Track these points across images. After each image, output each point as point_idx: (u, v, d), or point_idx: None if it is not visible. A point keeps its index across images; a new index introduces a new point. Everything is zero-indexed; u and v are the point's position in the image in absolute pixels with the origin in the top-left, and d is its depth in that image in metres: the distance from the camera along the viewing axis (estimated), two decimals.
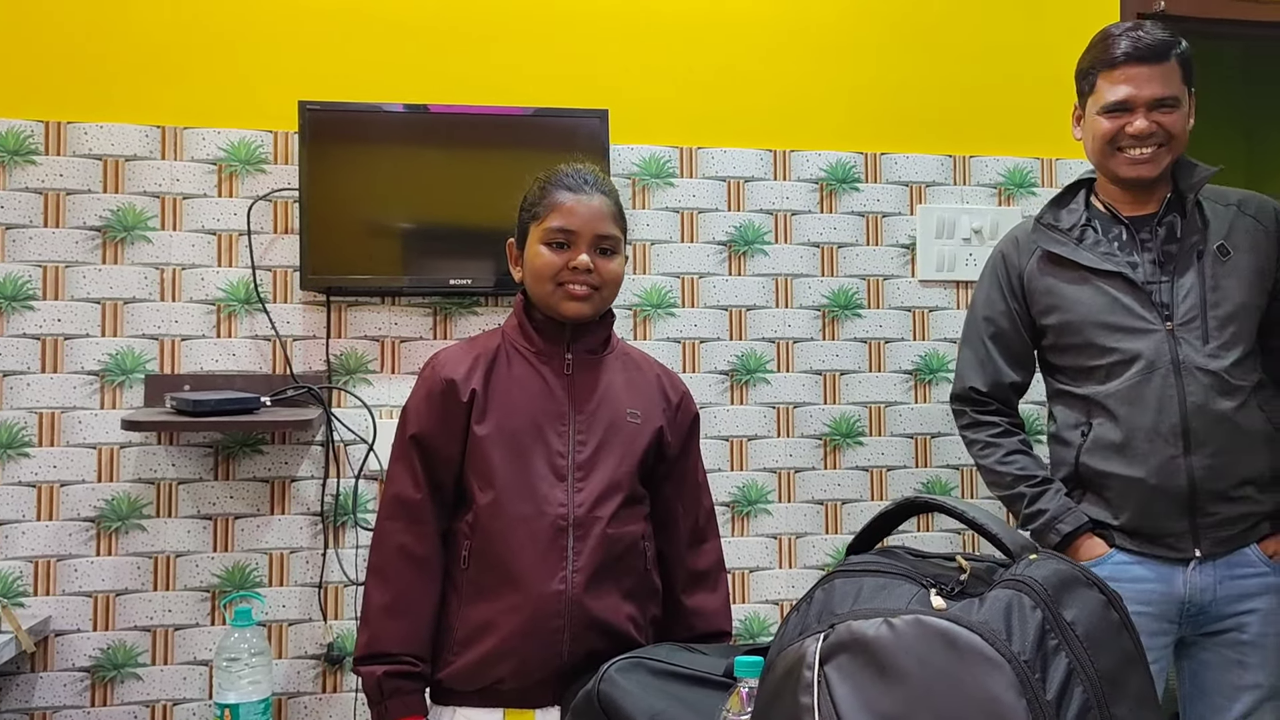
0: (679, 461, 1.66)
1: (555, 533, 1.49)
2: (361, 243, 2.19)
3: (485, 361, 1.57)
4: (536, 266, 1.55)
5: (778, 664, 1.05)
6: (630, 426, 1.57)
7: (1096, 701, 0.93)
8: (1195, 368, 1.76)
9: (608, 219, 1.57)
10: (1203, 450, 1.75)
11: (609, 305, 1.61)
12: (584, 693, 1.40)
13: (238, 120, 2.24)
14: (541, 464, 1.51)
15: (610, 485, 1.53)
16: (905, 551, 1.16)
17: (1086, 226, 1.87)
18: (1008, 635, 0.94)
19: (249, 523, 2.20)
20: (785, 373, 2.44)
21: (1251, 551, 1.78)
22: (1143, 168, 1.80)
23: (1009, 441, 1.91)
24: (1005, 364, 1.94)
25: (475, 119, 2.25)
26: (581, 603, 1.48)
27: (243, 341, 2.22)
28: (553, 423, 1.53)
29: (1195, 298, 1.78)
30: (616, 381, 1.60)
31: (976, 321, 1.97)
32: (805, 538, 2.43)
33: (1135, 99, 1.78)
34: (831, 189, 2.48)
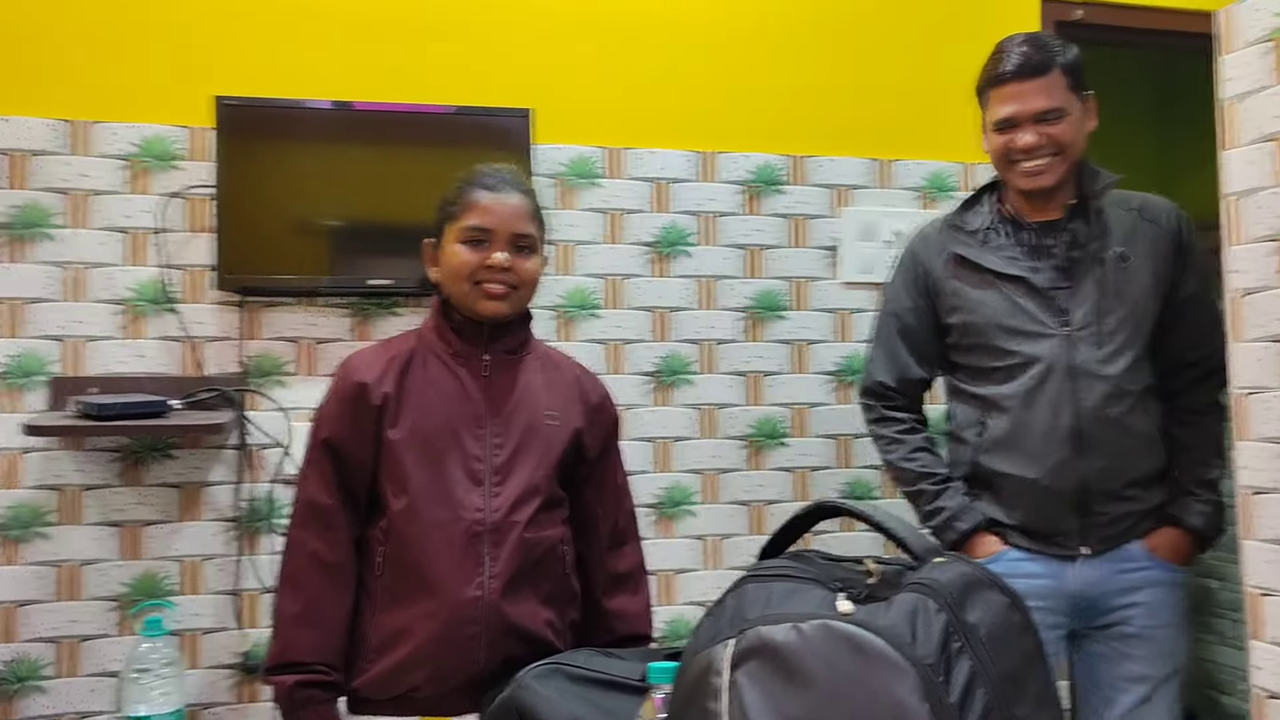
0: (598, 464, 1.65)
1: (471, 538, 1.47)
2: (279, 242, 2.14)
3: (399, 364, 1.54)
4: (453, 265, 1.53)
5: (689, 670, 1.06)
6: (548, 429, 1.56)
7: (998, 703, 0.94)
8: (1089, 373, 1.80)
9: (525, 218, 1.55)
10: (1093, 453, 1.80)
11: (526, 305, 1.60)
12: (500, 700, 1.38)
13: (152, 115, 2.17)
14: (457, 468, 1.49)
15: (527, 489, 1.51)
16: (817, 555, 1.17)
17: (992, 230, 1.90)
18: (912, 639, 0.95)
19: (160, 530, 2.13)
20: (709, 374, 2.45)
21: (1135, 547, 1.84)
22: (1038, 179, 1.83)
23: (914, 439, 1.95)
24: (912, 360, 1.97)
25: (397, 117, 2.21)
26: (499, 608, 1.46)
27: (153, 343, 2.15)
28: (469, 426, 1.51)
29: (1092, 304, 1.82)
30: (535, 383, 1.59)
31: (886, 317, 2.00)
32: (730, 539, 2.43)
33: (1020, 114, 1.81)
34: (757, 191, 2.50)
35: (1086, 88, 1.86)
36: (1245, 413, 1.60)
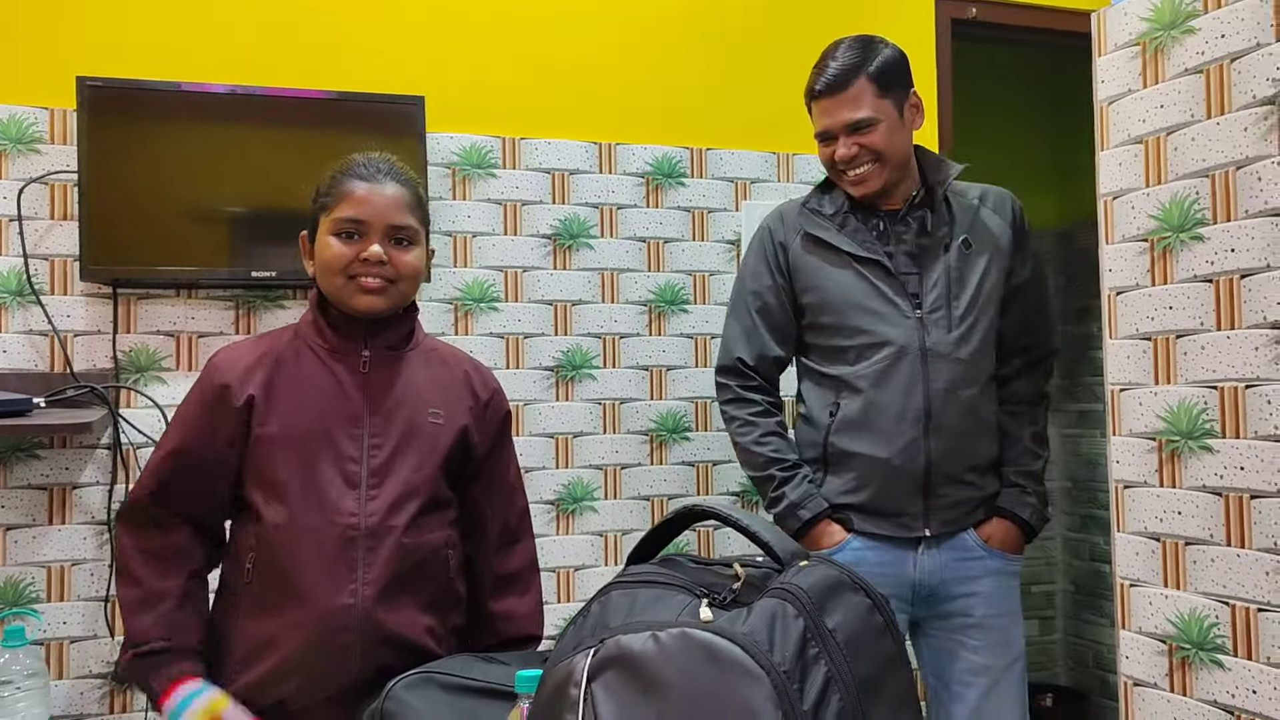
0: (488, 461, 1.59)
1: (344, 544, 1.41)
2: (152, 230, 2.04)
3: (269, 361, 1.47)
4: (326, 259, 1.46)
5: (549, 680, 1.03)
6: (431, 427, 1.50)
7: (853, 708, 0.93)
8: (940, 355, 1.84)
9: (402, 209, 1.48)
10: (940, 434, 1.84)
11: (409, 299, 1.53)
12: (368, 712, 1.33)
13: (7, 95, 2.05)
14: (330, 470, 1.42)
15: (406, 491, 1.45)
16: (688, 560, 1.15)
17: (849, 214, 1.93)
18: (770, 645, 0.93)
19: (24, 534, 2.03)
20: (611, 368, 2.42)
21: (969, 536, 1.89)
22: (863, 185, 1.88)
23: (766, 422, 1.95)
24: (770, 338, 1.97)
25: (280, 101, 2.12)
26: (373, 616, 1.40)
27: (15, 337, 2.04)
28: (344, 425, 1.45)
29: (941, 288, 1.87)
30: (418, 379, 1.52)
31: (744, 294, 1.99)
32: (631, 534, 2.41)
33: (831, 127, 1.87)
34: (658, 184, 2.47)
35: (905, 86, 1.90)
36: (1118, 408, 1.62)
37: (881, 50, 1.87)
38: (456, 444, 1.52)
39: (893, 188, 1.90)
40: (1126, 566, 1.60)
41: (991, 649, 1.86)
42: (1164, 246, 1.54)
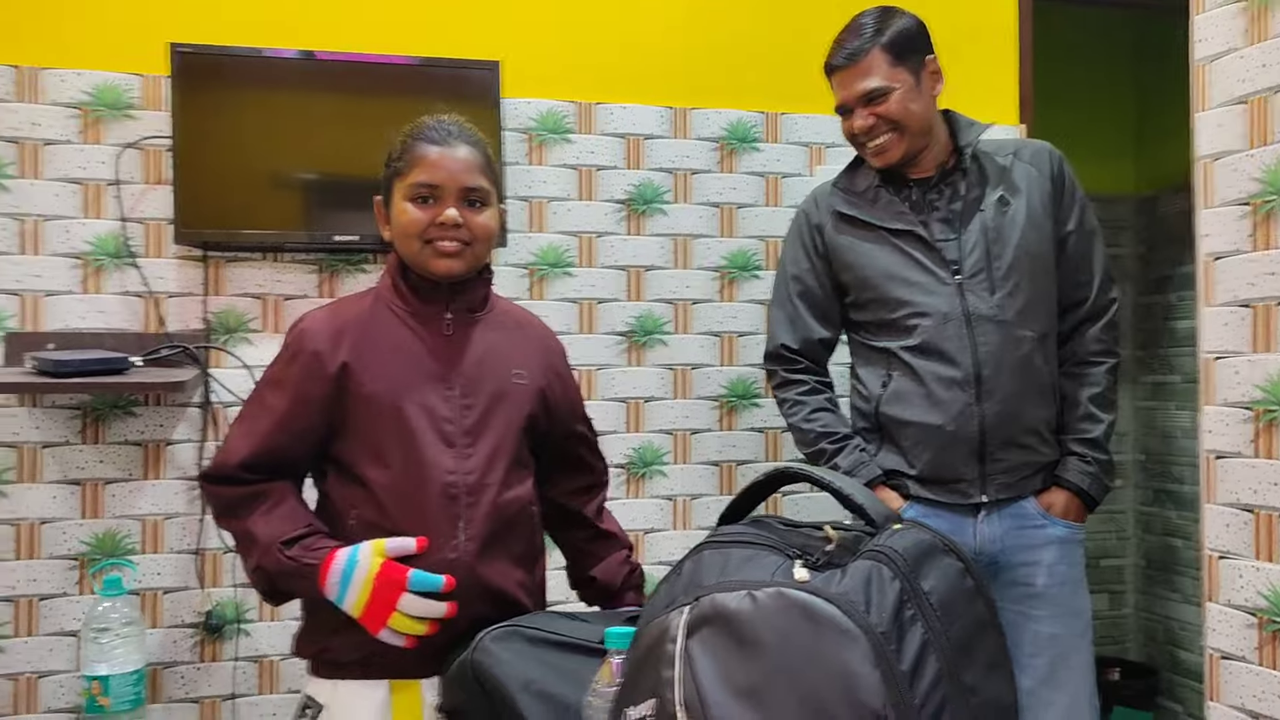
0: (573, 421, 1.66)
1: (446, 501, 1.44)
2: (241, 195, 2.09)
3: (356, 327, 1.49)
4: (402, 224, 1.48)
5: (644, 636, 1.04)
6: (515, 388, 1.54)
7: (949, 670, 0.93)
8: (985, 318, 1.84)
9: (475, 170, 1.49)
10: (992, 398, 1.83)
11: (484, 261, 1.55)
12: (459, 662, 1.37)
13: (103, 62, 2.11)
14: (427, 430, 1.46)
15: (498, 449, 1.49)
16: (777, 521, 1.16)
17: (880, 188, 1.93)
18: (866, 607, 0.94)
19: (120, 488, 2.10)
20: (683, 334, 2.43)
21: (1029, 504, 1.88)
22: (884, 155, 1.88)
23: (815, 399, 1.97)
24: (814, 320, 1.98)
25: (362, 67, 2.15)
26: (474, 570, 1.44)
27: (113, 298, 2.11)
28: (436, 387, 1.48)
29: (980, 251, 1.86)
30: (499, 341, 1.56)
31: (785, 280, 2.01)
32: (700, 499, 2.43)
33: (848, 100, 1.90)
34: (731, 148, 2.46)
35: (922, 52, 1.90)
36: (1212, 377, 1.59)
37: (895, 19, 1.88)
38: (538, 403, 1.57)
39: (918, 156, 1.90)
40: (1215, 538, 1.57)
41: (1057, 619, 1.84)
42: (1267, 210, 1.50)
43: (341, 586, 1.38)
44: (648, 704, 0.99)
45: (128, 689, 1.89)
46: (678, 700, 0.96)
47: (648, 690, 1.00)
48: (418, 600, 1.38)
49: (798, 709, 0.90)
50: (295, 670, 2.18)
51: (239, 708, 2.15)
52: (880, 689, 0.89)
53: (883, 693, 0.89)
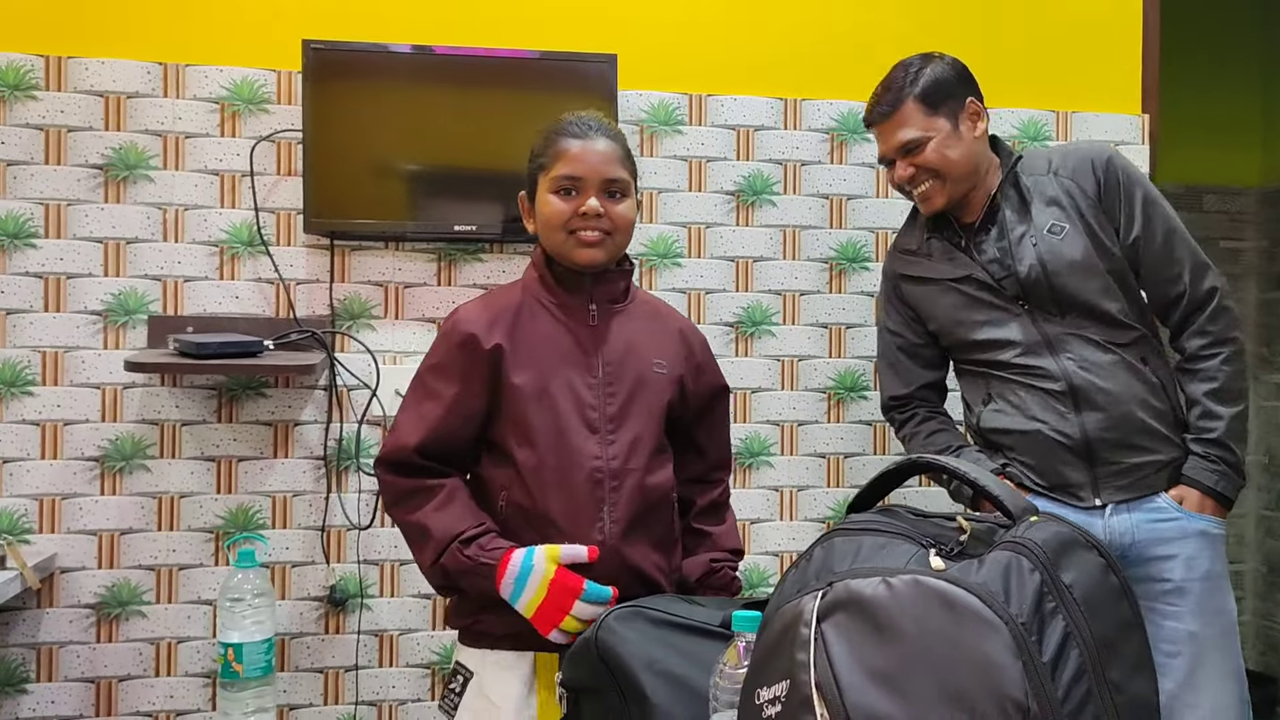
0: (706, 410, 1.71)
1: (592, 485, 1.50)
2: (365, 186, 2.17)
3: (507, 317, 1.56)
4: (547, 216, 1.56)
5: (775, 620, 1.06)
6: (656, 377, 1.59)
7: (1091, 665, 0.93)
8: (1061, 336, 1.86)
9: (614, 162, 1.57)
10: (1090, 405, 1.84)
11: (624, 251, 1.62)
12: (582, 640, 1.41)
13: (241, 58, 2.20)
14: (574, 418, 1.52)
15: (640, 436, 1.55)
16: (906, 511, 1.16)
17: (931, 239, 1.98)
18: (1005, 597, 0.94)
19: (252, 465, 2.21)
20: (791, 325, 2.43)
21: (1161, 498, 1.85)
22: (930, 204, 1.93)
23: (929, 425, 2.04)
24: (918, 369, 2.06)
25: (481, 61, 2.21)
26: (619, 551, 1.50)
27: (246, 284, 2.21)
28: (582, 375, 1.54)
29: (1040, 281, 1.86)
30: (641, 331, 1.61)
31: (884, 336, 2.10)
32: (806, 491, 2.43)
33: (887, 152, 1.94)
34: (842, 139, 2.45)
35: (959, 97, 1.90)
36: None
37: (930, 67, 1.90)
38: (676, 393, 1.62)
39: (964, 199, 1.92)
40: None
41: (1196, 615, 1.79)
42: None
43: (516, 587, 1.45)
44: (780, 685, 1.01)
45: (259, 656, 1.98)
46: (812, 682, 0.97)
47: (780, 672, 1.01)
48: (589, 606, 1.45)
49: (937, 697, 0.91)
50: (413, 645, 2.26)
51: (360, 679, 2.24)
52: (1022, 680, 0.89)
53: (1025, 684, 0.89)
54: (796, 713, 0.96)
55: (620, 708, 1.33)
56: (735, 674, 1.14)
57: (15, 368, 2.13)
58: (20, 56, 2.13)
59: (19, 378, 2.13)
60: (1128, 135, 2.53)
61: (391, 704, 2.25)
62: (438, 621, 2.27)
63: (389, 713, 2.25)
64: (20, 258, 2.13)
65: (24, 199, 2.13)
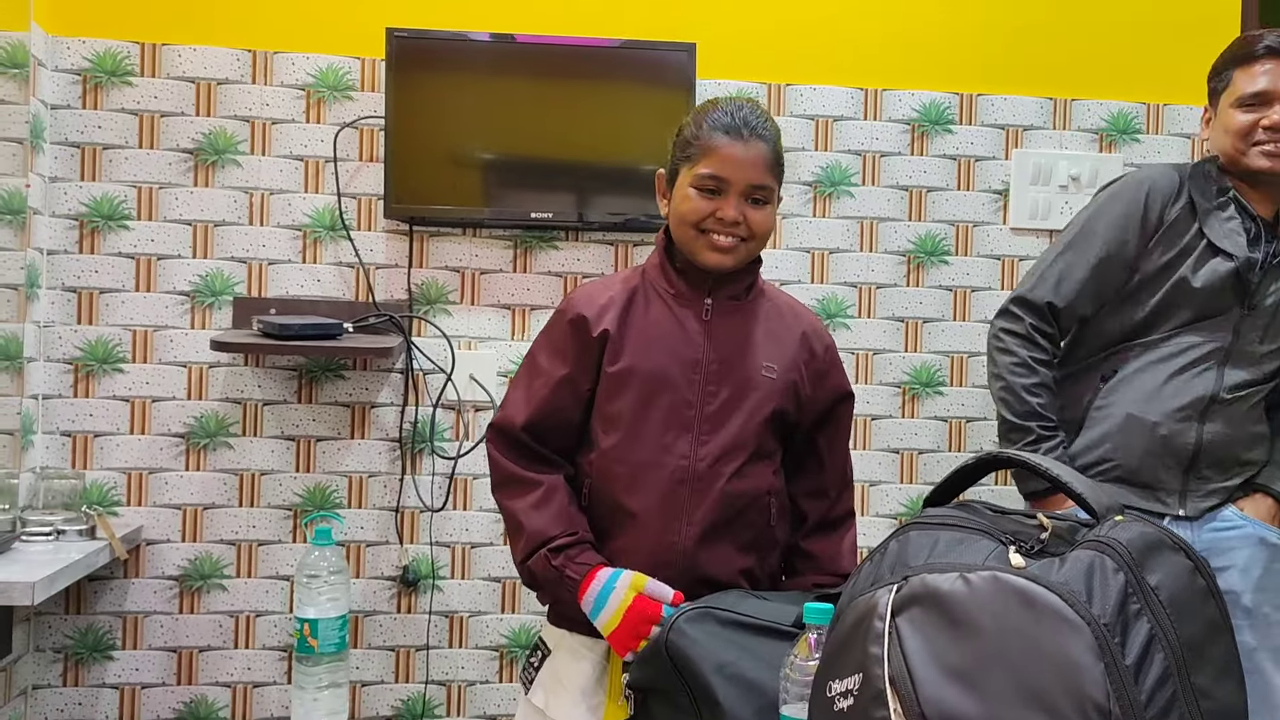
0: (825, 417, 1.60)
1: (675, 484, 1.46)
2: (445, 173, 2.20)
3: (621, 300, 1.52)
4: (682, 211, 1.48)
5: (848, 613, 1.05)
6: (764, 380, 1.51)
7: (1177, 668, 0.90)
8: (1244, 354, 1.81)
9: (764, 168, 1.47)
10: (1217, 420, 1.81)
11: (755, 255, 1.53)
12: (652, 642, 1.40)
13: (327, 46, 2.25)
14: (669, 412, 1.48)
15: (736, 441, 1.48)
16: (984, 507, 1.14)
17: (1232, 203, 1.85)
18: (1088, 597, 0.92)
19: (330, 445, 2.25)
20: (866, 318, 2.40)
21: (1228, 510, 1.83)
22: (1276, 160, 1.78)
23: (1045, 373, 1.86)
24: (1090, 295, 1.87)
25: (561, 50, 2.22)
26: (693, 556, 1.46)
27: (327, 268, 2.25)
28: (685, 370, 1.49)
29: (1275, 299, 1.81)
30: (757, 331, 1.53)
31: (1092, 240, 1.86)
32: (879, 486, 2.40)
33: (1273, 92, 1.77)
34: (923, 130, 2.40)
35: None
36: None
37: None
38: (786, 398, 1.53)
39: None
40: None
41: (1254, 627, 1.76)
42: None
43: (596, 606, 1.44)
44: (853, 678, 1.00)
45: (333, 633, 2.02)
46: (885, 676, 0.96)
47: (853, 665, 1.00)
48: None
49: (1014, 695, 0.89)
50: (483, 627, 2.29)
51: (431, 658, 2.28)
52: (1104, 682, 0.87)
53: (1106, 686, 0.86)
54: (869, 706, 0.95)
55: (690, 710, 1.32)
56: (806, 666, 1.13)
57: (107, 345, 2.20)
58: (118, 44, 2.20)
59: (111, 355, 2.20)
60: None
61: (460, 684, 2.29)
62: (507, 605, 2.30)
63: (457, 693, 2.29)
64: (114, 239, 2.21)
65: (118, 182, 2.21)
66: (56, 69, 2.18)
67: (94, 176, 2.20)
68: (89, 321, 2.20)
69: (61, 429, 2.19)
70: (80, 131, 2.19)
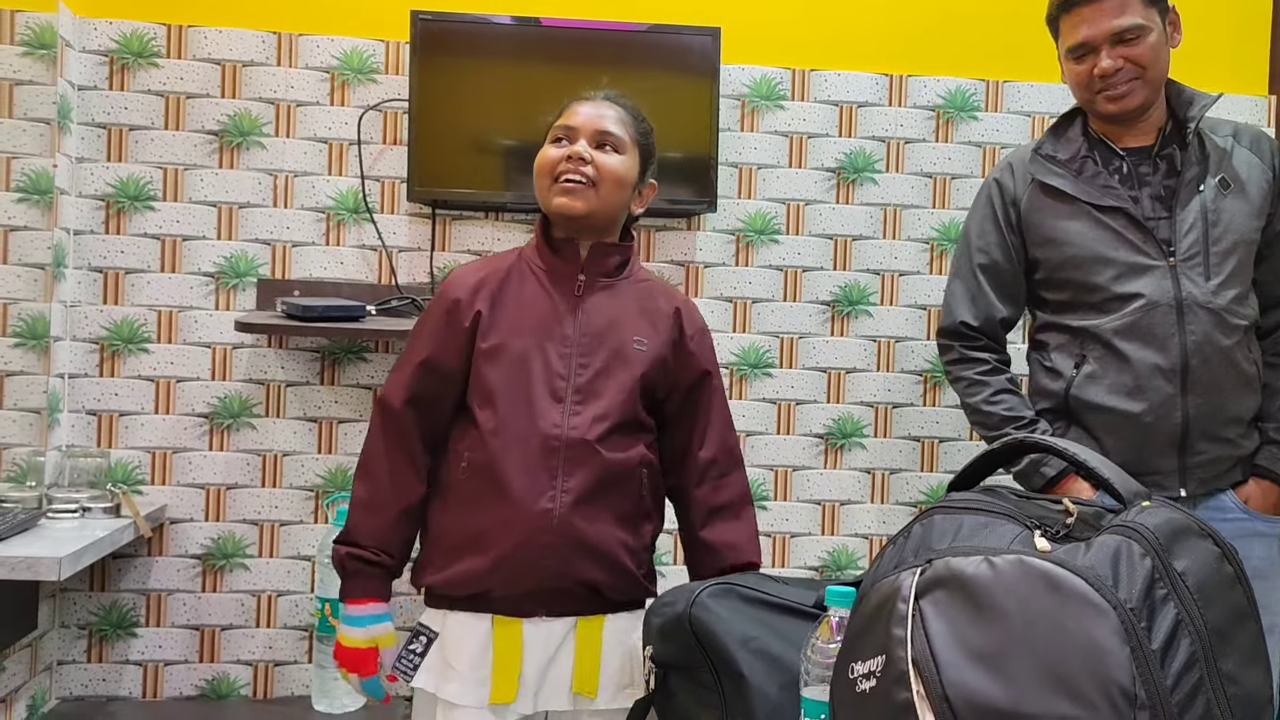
0: (692, 396, 1.63)
1: (547, 452, 1.50)
2: (467, 157, 2.20)
3: (495, 280, 1.57)
4: (538, 165, 1.57)
5: (871, 596, 1.04)
6: (635, 354, 1.56)
7: (1204, 654, 0.89)
8: (1197, 305, 1.74)
9: (614, 121, 1.57)
10: (1198, 389, 1.75)
11: (609, 209, 1.57)
12: (675, 616, 1.40)
13: (351, 29, 2.25)
14: (540, 384, 1.52)
15: (606, 410, 1.52)
16: (1009, 491, 1.13)
17: (1086, 158, 1.82)
18: (1114, 582, 0.91)
19: (351, 427, 2.27)
20: (889, 305, 2.39)
21: (1228, 497, 1.80)
22: (1122, 102, 1.76)
23: (997, 380, 1.88)
24: (996, 298, 1.89)
25: (586, 34, 2.21)
26: (570, 522, 1.49)
27: (350, 250, 2.26)
28: (555, 344, 1.54)
29: (1198, 233, 1.76)
30: (628, 308, 1.58)
31: (969, 252, 1.92)
32: (899, 474, 2.39)
33: (1093, 38, 1.75)
34: (949, 117, 2.39)
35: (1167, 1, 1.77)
36: None
37: None
38: (655, 372, 1.57)
39: (1143, 115, 1.79)
40: None
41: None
42: None
43: (352, 621, 1.54)
44: (875, 660, 1.00)
45: None
46: (908, 658, 0.95)
47: (875, 647, 1.00)
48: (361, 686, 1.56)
49: (1038, 678, 0.88)
50: None
51: None
52: (1130, 666, 0.86)
53: (1133, 670, 0.86)
54: (891, 688, 0.95)
55: (713, 685, 1.33)
56: (827, 648, 1.13)
57: (133, 325, 2.22)
58: (144, 24, 2.21)
59: (136, 335, 2.22)
60: (1252, 117, 2.42)
61: None
62: None
63: None
64: (140, 219, 2.22)
65: (144, 163, 2.22)
66: (84, 50, 2.20)
67: (120, 157, 2.21)
68: (115, 301, 2.22)
69: (87, 408, 2.21)
70: (107, 112, 2.21)
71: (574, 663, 1.53)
